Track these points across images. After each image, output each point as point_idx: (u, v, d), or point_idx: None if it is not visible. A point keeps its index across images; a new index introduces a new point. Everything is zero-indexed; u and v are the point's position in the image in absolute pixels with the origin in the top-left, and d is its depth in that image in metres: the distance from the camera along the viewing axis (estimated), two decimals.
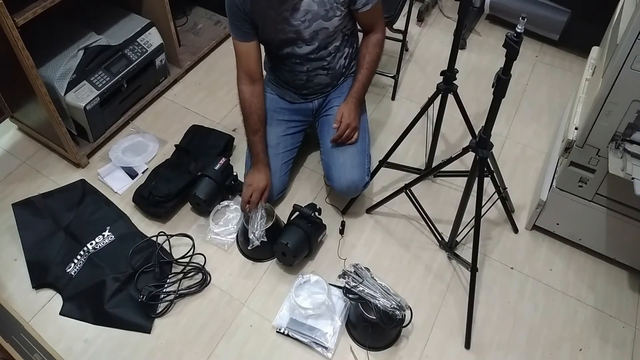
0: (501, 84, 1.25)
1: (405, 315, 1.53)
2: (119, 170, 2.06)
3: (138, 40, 2.13)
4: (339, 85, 1.90)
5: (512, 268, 1.82)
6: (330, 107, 1.89)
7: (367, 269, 1.58)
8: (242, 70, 1.75)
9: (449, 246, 1.80)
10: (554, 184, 1.75)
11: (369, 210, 1.95)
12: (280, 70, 1.85)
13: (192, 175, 1.93)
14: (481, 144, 1.43)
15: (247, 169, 1.90)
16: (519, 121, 2.30)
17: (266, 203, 1.74)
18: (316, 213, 1.77)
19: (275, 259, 1.79)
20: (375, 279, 1.55)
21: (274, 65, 1.88)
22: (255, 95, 1.77)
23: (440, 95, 1.72)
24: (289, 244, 1.68)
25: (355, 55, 1.87)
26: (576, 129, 1.64)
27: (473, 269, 1.60)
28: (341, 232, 1.89)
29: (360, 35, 1.84)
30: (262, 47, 1.78)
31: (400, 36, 2.32)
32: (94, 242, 1.81)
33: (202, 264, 1.79)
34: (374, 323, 1.51)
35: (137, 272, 1.73)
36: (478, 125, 1.54)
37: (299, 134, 1.97)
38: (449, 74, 1.65)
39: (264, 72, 1.86)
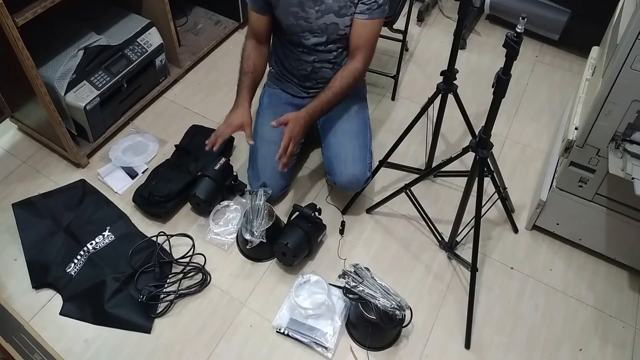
0: (501, 84, 1.25)
1: (405, 315, 1.53)
2: (119, 170, 2.06)
3: (138, 40, 2.12)
4: None
5: (512, 268, 1.82)
6: None
7: (367, 269, 1.57)
8: (251, 31, 1.79)
9: (449, 246, 1.80)
10: (554, 184, 1.75)
11: (369, 210, 1.95)
12: (286, 57, 1.86)
13: (192, 175, 1.93)
14: (481, 144, 1.43)
15: (249, 170, 1.91)
16: (519, 121, 2.30)
17: (267, 203, 1.74)
18: (316, 213, 1.77)
19: (275, 259, 1.79)
20: (375, 279, 1.55)
21: (280, 52, 1.88)
22: (258, 50, 1.79)
23: (440, 95, 1.72)
24: (289, 244, 1.68)
25: None
26: (576, 129, 1.64)
27: (473, 269, 1.60)
28: (341, 232, 1.89)
29: None
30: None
31: (400, 36, 2.32)
32: (94, 242, 1.81)
33: (202, 264, 1.79)
34: (374, 323, 1.51)
35: (137, 272, 1.73)
36: (478, 125, 1.54)
37: None
38: (449, 74, 1.65)
39: (268, 67, 1.86)
